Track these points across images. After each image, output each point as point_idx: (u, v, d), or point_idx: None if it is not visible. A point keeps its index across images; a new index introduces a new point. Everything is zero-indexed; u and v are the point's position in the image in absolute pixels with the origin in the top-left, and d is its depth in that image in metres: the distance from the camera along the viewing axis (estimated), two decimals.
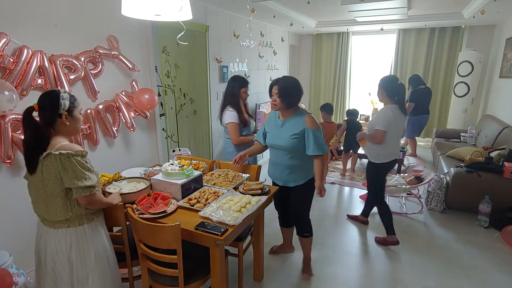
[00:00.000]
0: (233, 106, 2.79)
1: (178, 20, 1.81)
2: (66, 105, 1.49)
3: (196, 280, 1.75)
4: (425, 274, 2.49)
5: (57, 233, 1.50)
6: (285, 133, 2.17)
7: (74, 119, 1.55)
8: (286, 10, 4.59)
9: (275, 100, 2.13)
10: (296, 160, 2.20)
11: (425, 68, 6.26)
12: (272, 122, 2.30)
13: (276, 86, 2.13)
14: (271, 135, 2.28)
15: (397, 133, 2.73)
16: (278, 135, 2.21)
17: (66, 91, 1.53)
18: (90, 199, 1.50)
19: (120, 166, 2.79)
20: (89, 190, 1.46)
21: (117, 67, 2.76)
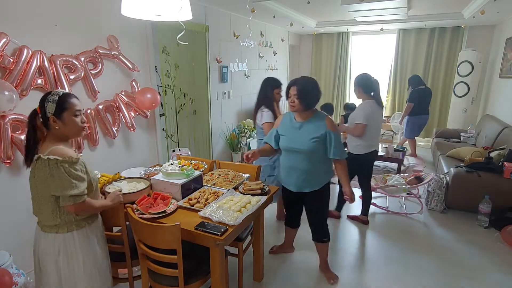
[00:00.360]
0: (267, 106, 2.78)
1: (178, 20, 1.81)
2: (52, 108, 1.41)
3: (196, 280, 1.75)
4: (425, 274, 2.49)
5: (47, 237, 1.46)
6: (304, 136, 2.07)
7: (65, 123, 1.45)
8: (286, 10, 4.59)
9: (293, 101, 2.04)
10: (313, 165, 2.12)
11: (425, 68, 6.26)
12: (287, 125, 2.19)
13: (294, 87, 2.04)
14: (287, 138, 2.15)
15: (376, 126, 2.96)
16: (296, 138, 2.10)
17: (58, 92, 1.45)
18: (77, 208, 1.43)
19: (120, 166, 2.79)
20: (74, 199, 1.39)
21: (117, 67, 2.76)
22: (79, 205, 1.42)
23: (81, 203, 1.43)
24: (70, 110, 1.45)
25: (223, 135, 4.76)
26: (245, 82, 5.23)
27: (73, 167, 1.40)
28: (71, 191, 1.37)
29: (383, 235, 3.07)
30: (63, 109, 1.43)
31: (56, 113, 1.42)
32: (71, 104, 1.45)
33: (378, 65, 6.88)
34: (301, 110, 2.09)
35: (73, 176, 1.39)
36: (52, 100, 1.42)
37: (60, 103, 1.43)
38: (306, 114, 2.12)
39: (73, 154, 1.43)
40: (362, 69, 7.05)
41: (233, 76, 4.82)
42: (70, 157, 1.39)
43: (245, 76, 5.20)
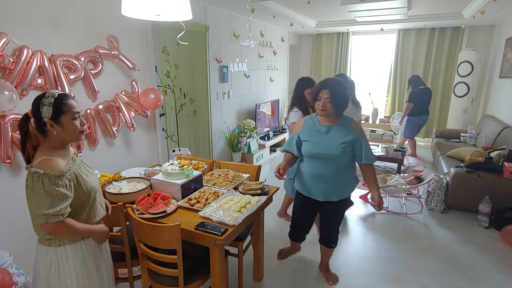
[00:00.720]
0: (298, 107, 2.74)
1: (178, 20, 1.81)
2: (48, 112, 1.28)
3: (196, 280, 1.75)
4: (425, 274, 2.49)
5: (41, 249, 1.36)
6: (332, 140, 1.96)
7: (63, 127, 1.31)
8: (286, 10, 4.59)
9: (324, 105, 1.92)
10: (341, 171, 2.01)
11: (425, 68, 6.26)
12: (311, 129, 2.05)
13: (326, 90, 1.91)
14: (312, 144, 2.01)
15: None
16: (324, 143, 1.98)
17: (53, 94, 1.30)
18: (51, 228, 1.27)
19: (120, 166, 2.80)
20: (46, 218, 1.24)
21: (117, 67, 2.76)
22: (53, 225, 1.26)
23: (56, 223, 1.26)
24: (68, 113, 1.32)
25: (223, 135, 4.76)
26: (245, 82, 5.23)
27: (54, 183, 1.24)
28: (44, 210, 1.23)
29: (383, 235, 3.07)
30: (61, 112, 1.30)
31: (53, 117, 1.29)
32: (69, 106, 1.32)
33: (378, 65, 6.88)
34: (332, 114, 1.97)
35: (51, 193, 1.23)
36: (48, 103, 1.28)
37: (57, 106, 1.29)
38: (333, 118, 2.00)
39: (61, 166, 1.28)
40: (362, 69, 7.06)
41: (233, 76, 4.82)
42: (53, 171, 1.24)
43: (245, 76, 5.19)
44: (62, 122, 1.31)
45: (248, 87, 5.35)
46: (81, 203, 1.38)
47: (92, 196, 1.42)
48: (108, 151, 2.80)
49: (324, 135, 1.99)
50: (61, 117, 1.30)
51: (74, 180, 1.33)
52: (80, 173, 1.37)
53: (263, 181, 2.26)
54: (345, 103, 1.97)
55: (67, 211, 1.29)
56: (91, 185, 1.41)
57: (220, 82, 4.49)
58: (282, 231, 3.12)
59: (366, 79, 7.03)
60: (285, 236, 3.01)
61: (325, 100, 1.91)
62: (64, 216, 1.28)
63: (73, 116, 1.33)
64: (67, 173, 1.29)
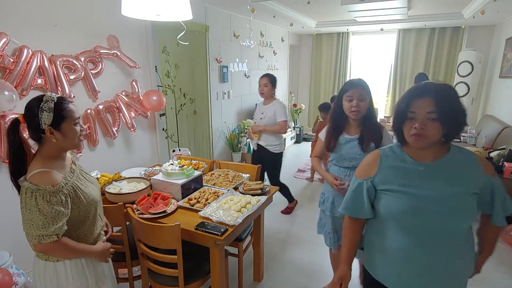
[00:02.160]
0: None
1: (178, 20, 1.81)
2: (49, 118, 1.17)
3: (196, 280, 1.75)
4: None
5: (39, 263, 1.28)
6: (444, 189, 1.07)
7: (64, 134, 1.21)
8: (286, 10, 4.59)
9: (423, 127, 1.05)
10: (462, 245, 1.14)
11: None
12: (399, 169, 1.16)
13: (429, 99, 1.05)
14: (409, 197, 1.10)
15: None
16: (431, 195, 1.08)
17: (53, 97, 1.19)
18: (44, 248, 1.18)
19: (120, 166, 2.80)
20: (39, 238, 1.15)
21: (117, 66, 2.76)
22: (47, 245, 1.17)
23: (50, 244, 1.17)
24: (70, 119, 1.22)
25: (223, 135, 4.76)
26: (245, 82, 5.23)
27: (49, 200, 1.14)
28: (37, 230, 1.14)
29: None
30: (63, 118, 1.19)
31: (53, 124, 1.18)
32: (70, 111, 1.22)
33: (378, 65, 6.88)
34: (435, 143, 1.09)
35: (45, 212, 1.14)
36: (48, 109, 1.16)
37: (58, 111, 1.18)
38: (437, 149, 1.12)
39: (57, 180, 1.18)
40: (362, 69, 7.06)
41: (233, 76, 4.82)
42: (48, 187, 1.14)
43: (245, 76, 5.20)
44: (63, 129, 1.20)
45: (248, 87, 5.35)
46: (81, 217, 1.29)
47: (93, 209, 1.34)
48: (108, 151, 2.79)
49: (428, 180, 1.10)
50: (63, 123, 1.20)
51: (72, 194, 1.24)
52: (79, 186, 1.28)
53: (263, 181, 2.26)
54: (462, 125, 1.09)
55: (63, 230, 1.20)
56: (92, 197, 1.32)
57: (220, 82, 4.49)
58: (282, 231, 3.12)
59: (366, 79, 7.01)
60: (285, 236, 3.02)
61: (428, 119, 1.05)
62: (59, 235, 1.18)
63: (74, 122, 1.24)
64: (64, 188, 1.20)
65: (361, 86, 1.80)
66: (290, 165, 5.28)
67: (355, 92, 1.77)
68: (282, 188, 3.37)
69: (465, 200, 1.07)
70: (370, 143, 1.79)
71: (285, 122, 3.05)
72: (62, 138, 1.22)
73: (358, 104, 1.76)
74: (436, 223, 1.07)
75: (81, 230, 1.33)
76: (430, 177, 1.10)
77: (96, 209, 1.37)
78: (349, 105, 1.78)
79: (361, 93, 1.77)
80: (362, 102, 1.77)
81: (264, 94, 3.12)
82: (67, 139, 1.23)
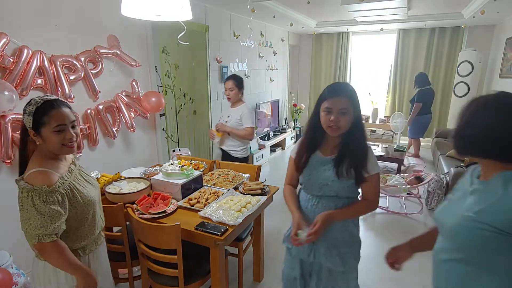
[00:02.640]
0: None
1: (179, 20, 1.81)
2: (28, 121, 1.18)
3: (196, 280, 1.75)
4: (425, 274, 2.49)
5: (38, 264, 1.28)
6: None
7: (43, 139, 1.20)
8: (286, 10, 4.59)
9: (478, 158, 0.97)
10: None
11: (425, 68, 6.25)
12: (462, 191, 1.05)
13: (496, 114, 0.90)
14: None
15: None
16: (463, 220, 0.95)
17: (37, 102, 1.19)
18: (42, 248, 1.18)
19: (120, 166, 2.79)
20: (38, 238, 1.15)
21: (117, 66, 2.76)
22: (46, 245, 1.17)
23: (49, 244, 1.16)
24: (48, 125, 1.18)
25: None
26: (245, 82, 5.21)
27: (45, 200, 1.15)
28: (36, 230, 1.14)
29: (383, 235, 3.07)
30: (40, 123, 1.18)
31: (33, 127, 1.19)
32: (50, 117, 1.18)
33: (378, 65, 6.88)
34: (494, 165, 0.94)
35: (42, 211, 1.14)
36: (29, 112, 1.17)
37: (38, 116, 1.17)
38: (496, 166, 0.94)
39: (53, 180, 1.19)
40: (362, 69, 7.06)
41: None
42: (43, 187, 1.15)
43: (245, 76, 5.19)
44: (41, 134, 1.20)
45: (248, 87, 5.35)
46: (79, 217, 1.29)
47: (91, 209, 1.33)
48: (108, 151, 2.79)
49: (463, 200, 1.01)
50: (41, 128, 1.19)
51: (69, 194, 1.24)
52: (76, 186, 1.28)
53: (263, 181, 2.26)
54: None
55: (61, 229, 1.20)
56: (89, 198, 1.31)
57: (220, 82, 4.49)
58: (282, 231, 3.12)
59: (366, 79, 7.03)
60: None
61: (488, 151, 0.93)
62: (58, 235, 1.18)
63: (54, 128, 1.19)
64: (60, 188, 1.20)
65: (345, 95, 1.36)
66: None
67: (336, 102, 1.34)
68: None
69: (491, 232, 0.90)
70: (350, 168, 1.39)
71: (253, 128, 2.90)
72: (43, 143, 1.22)
73: (338, 118, 1.34)
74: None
75: (81, 230, 1.32)
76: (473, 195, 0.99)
77: (95, 210, 1.37)
78: (326, 118, 1.36)
79: (344, 105, 1.34)
80: (343, 116, 1.34)
81: (231, 99, 2.92)
82: (47, 145, 1.22)
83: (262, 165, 5.14)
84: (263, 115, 5.64)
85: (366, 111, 6.96)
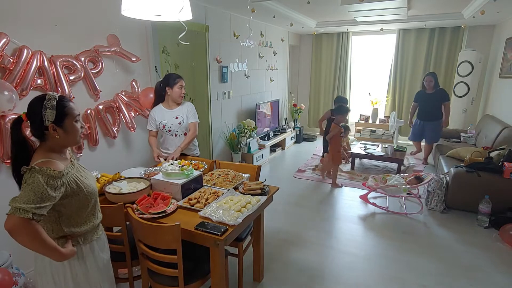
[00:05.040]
0: None
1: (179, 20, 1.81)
2: (52, 115, 1.23)
3: (196, 280, 1.75)
4: (425, 274, 2.49)
5: (38, 258, 1.31)
6: None
7: (66, 130, 1.28)
8: (286, 10, 4.59)
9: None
10: None
11: (425, 68, 6.25)
12: None
13: None
14: None
15: None
16: None
17: (55, 96, 1.26)
18: (11, 222, 1.12)
19: (120, 166, 2.80)
20: (14, 210, 1.12)
21: (117, 65, 2.76)
22: (18, 220, 1.11)
23: (21, 219, 1.12)
24: (71, 116, 1.29)
25: (223, 135, 4.76)
26: (245, 82, 5.23)
27: (46, 181, 1.17)
28: (17, 203, 1.13)
29: (383, 235, 3.07)
30: (64, 115, 1.26)
31: (56, 121, 1.24)
32: (71, 109, 1.29)
33: (378, 65, 6.88)
34: None
35: (37, 189, 1.15)
36: (51, 106, 1.23)
37: (61, 109, 1.25)
38: None
39: (59, 167, 1.23)
40: (362, 69, 7.06)
41: (233, 76, 4.82)
42: (49, 169, 1.18)
43: (245, 76, 5.20)
44: (65, 126, 1.27)
45: (248, 87, 5.36)
46: (81, 205, 1.33)
47: (93, 199, 1.38)
48: (108, 151, 2.80)
49: None
50: (65, 120, 1.27)
51: (73, 184, 1.28)
52: (79, 177, 1.33)
53: (263, 181, 2.26)
54: None
55: (41, 213, 1.16)
56: (92, 187, 1.37)
57: (220, 82, 4.49)
58: (282, 231, 3.12)
59: (366, 79, 7.04)
60: (285, 236, 3.02)
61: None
62: (34, 216, 1.14)
63: (75, 119, 1.30)
64: (64, 177, 1.23)
65: None
66: (290, 165, 5.28)
67: None
68: None
69: None
70: None
71: (197, 123, 2.81)
72: (64, 135, 1.28)
73: None
74: None
75: (82, 215, 1.36)
76: None
77: (97, 199, 1.43)
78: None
79: None
80: None
81: (183, 98, 2.77)
82: (69, 136, 1.30)
83: (262, 165, 5.14)
84: (263, 115, 5.64)
85: (366, 111, 6.97)
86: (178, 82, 2.68)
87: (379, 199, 3.91)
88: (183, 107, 2.77)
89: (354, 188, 4.28)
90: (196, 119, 2.80)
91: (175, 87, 2.66)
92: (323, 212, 3.56)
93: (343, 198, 3.96)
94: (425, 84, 4.85)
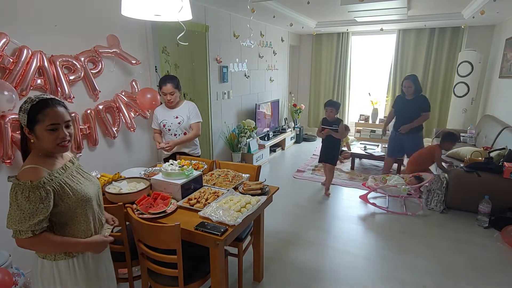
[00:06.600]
0: None
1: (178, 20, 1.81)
2: (23, 119, 1.20)
3: (196, 280, 1.75)
4: (425, 274, 2.49)
5: (37, 261, 1.29)
6: None
7: (37, 137, 1.21)
8: (286, 10, 4.59)
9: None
10: None
11: (425, 68, 6.25)
12: None
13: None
14: None
15: None
16: None
17: (32, 100, 1.20)
18: (21, 243, 1.18)
19: (120, 166, 2.80)
20: (15, 233, 1.16)
21: (117, 66, 2.76)
22: (23, 241, 1.17)
23: (26, 240, 1.16)
24: (42, 123, 1.20)
25: (223, 135, 4.76)
26: (245, 82, 5.23)
27: (27, 196, 1.13)
28: (14, 225, 1.15)
29: (383, 235, 3.07)
30: (34, 121, 1.19)
31: (28, 125, 1.20)
32: (44, 116, 1.19)
33: (378, 65, 6.88)
34: None
35: (22, 207, 1.13)
36: (24, 110, 1.19)
37: (32, 114, 1.19)
38: None
39: (38, 175, 1.17)
40: (362, 69, 7.06)
41: (233, 76, 4.82)
42: (27, 182, 1.14)
43: (245, 76, 5.20)
44: (35, 132, 1.21)
45: (248, 87, 5.36)
46: (72, 212, 1.28)
47: (87, 205, 1.32)
48: (108, 151, 2.79)
49: None
50: (35, 126, 1.20)
51: (59, 190, 1.22)
52: (67, 182, 1.26)
53: (263, 181, 2.26)
54: None
55: (41, 226, 1.18)
56: (83, 193, 1.29)
57: (220, 82, 4.49)
58: (282, 231, 3.12)
59: (366, 79, 7.03)
60: (285, 236, 3.02)
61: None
62: (36, 232, 1.16)
63: (48, 127, 1.20)
64: (46, 184, 1.17)
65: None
66: (289, 165, 5.28)
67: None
68: None
69: None
70: None
71: (200, 123, 2.83)
72: (37, 141, 1.22)
73: None
74: None
75: (74, 228, 1.30)
76: None
77: (92, 206, 1.35)
78: None
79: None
80: None
81: (173, 102, 2.71)
82: (41, 143, 1.22)
83: (262, 165, 5.14)
84: (263, 115, 5.64)
85: (366, 111, 6.96)
86: (162, 89, 2.66)
87: (379, 199, 3.91)
88: (184, 107, 2.79)
89: (354, 188, 4.28)
90: (199, 119, 2.82)
91: (161, 93, 2.70)
92: (323, 212, 3.56)
93: (343, 198, 3.96)
94: (404, 89, 4.02)
